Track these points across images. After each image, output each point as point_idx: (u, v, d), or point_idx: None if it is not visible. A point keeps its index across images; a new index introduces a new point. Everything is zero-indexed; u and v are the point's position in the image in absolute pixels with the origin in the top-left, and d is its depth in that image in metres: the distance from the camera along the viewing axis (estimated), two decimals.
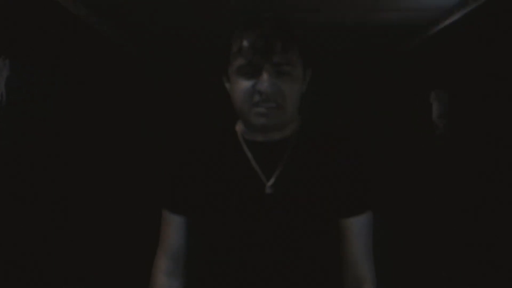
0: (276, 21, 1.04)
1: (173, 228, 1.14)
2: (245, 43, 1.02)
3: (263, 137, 1.09)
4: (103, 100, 2.76)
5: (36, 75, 2.03)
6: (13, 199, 1.86)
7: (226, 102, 1.13)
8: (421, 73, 3.13)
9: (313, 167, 1.08)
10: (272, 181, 1.06)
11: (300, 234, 1.05)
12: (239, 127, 1.14)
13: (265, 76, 1.01)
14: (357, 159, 1.10)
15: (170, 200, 1.14)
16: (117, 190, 2.91)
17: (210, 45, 3.05)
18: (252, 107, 1.03)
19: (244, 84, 1.03)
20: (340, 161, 1.09)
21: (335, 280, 1.12)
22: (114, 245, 2.81)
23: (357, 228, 1.09)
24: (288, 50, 1.03)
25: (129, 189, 3.07)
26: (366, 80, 3.76)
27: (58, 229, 2.22)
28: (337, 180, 1.08)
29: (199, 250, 1.13)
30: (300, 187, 1.06)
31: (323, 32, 2.86)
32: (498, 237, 2.18)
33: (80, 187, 2.46)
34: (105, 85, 2.79)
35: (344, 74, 3.75)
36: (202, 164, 1.11)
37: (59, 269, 2.18)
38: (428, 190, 2.92)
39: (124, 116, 3.06)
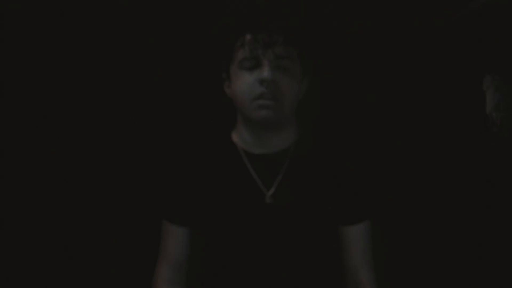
0: (279, 19, 1.13)
1: (174, 238, 1.18)
2: (248, 36, 1.09)
3: (262, 147, 1.14)
4: (101, 101, 2.41)
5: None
6: (12, 199, 1.90)
7: (221, 108, 1.21)
8: (470, 52, 2.50)
9: (313, 176, 1.13)
10: (272, 190, 1.11)
11: (301, 242, 1.10)
12: (236, 137, 1.18)
13: (266, 65, 1.06)
14: (356, 168, 1.16)
15: (170, 211, 1.18)
16: (115, 195, 2.46)
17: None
18: (254, 100, 1.07)
19: (247, 77, 1.08)
20: (339, 170, 1.14)
21: (336, 287, 1.16)
22: (112, 253, 2.41)
23: (357, 235, 1.15)
24: (289, 44, 1.09)
25: (129, 194, 2.51)
26: (399, 62, 2.85)
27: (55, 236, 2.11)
28: (337, 189, 1.13)
29: (200, 259, 1.16)
30: (300, 196, 1.11)
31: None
32: None
33: (79, 190, 2.29)
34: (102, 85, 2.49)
35: (374, 56, 2.79)
36: (202, 176, 1.15)
37: (56, 276, 2.09)
38: (483, 198, 2.40)
39: (123, 118, 2.60)
